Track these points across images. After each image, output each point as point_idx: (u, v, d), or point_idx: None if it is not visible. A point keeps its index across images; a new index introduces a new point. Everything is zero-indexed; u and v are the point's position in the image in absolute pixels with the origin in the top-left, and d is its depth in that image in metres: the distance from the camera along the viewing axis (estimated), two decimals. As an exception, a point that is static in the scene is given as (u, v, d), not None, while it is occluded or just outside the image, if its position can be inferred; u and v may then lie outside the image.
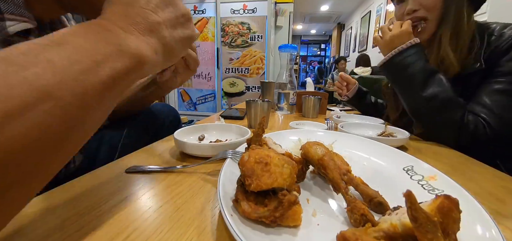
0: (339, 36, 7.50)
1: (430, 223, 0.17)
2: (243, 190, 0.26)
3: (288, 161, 0.27)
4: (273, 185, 0.24)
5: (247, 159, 0.26)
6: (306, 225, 0.26)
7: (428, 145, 0.66)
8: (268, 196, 0.25)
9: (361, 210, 0.24)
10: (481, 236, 0.24)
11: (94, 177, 0.39)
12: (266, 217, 0.24)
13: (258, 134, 0.34)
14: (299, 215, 0.25)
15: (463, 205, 0.28)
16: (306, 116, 1.02)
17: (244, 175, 0.25)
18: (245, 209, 0.24)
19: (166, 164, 0.46)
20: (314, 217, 0.27)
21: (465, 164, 0.53)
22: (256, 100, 0.78)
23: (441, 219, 0.18)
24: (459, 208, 0.20)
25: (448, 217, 0.19)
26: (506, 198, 0.37)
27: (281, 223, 0.24)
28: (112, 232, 0.26)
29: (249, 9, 3.43)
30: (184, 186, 0.36)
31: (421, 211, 0.17)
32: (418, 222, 0.17)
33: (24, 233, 0.25)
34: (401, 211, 0.22)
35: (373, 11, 4.57)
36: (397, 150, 0.46)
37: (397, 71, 0.70)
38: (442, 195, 0.20)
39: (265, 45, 3.47)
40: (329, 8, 6.28)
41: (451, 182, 0.33)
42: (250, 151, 0.27)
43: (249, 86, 3.62)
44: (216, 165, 0.44)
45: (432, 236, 0.17)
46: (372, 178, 0.37)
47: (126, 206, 0.31)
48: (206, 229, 0.27)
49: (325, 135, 0.54)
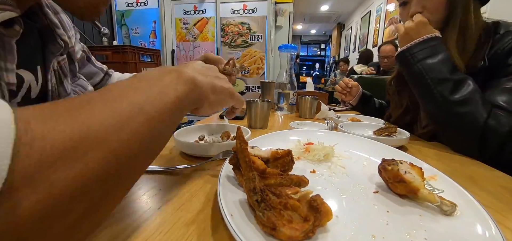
0: (339, 36, 7.50)
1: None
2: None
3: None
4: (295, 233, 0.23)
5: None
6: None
7: (428, 145, 0.66)
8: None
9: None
10: (481, 236, 0.24)
11: (94, 177, 0.39)
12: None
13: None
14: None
15: (463, 205, 0.29)
16: (303, 117, 1.02)
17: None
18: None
19: (166, 164, 0.46)
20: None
21: (465, 164, 0.53)
22: (256, 100, 0.78)
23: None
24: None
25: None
26: (506, 198, 0.37)
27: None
28: (112, 232, 0.26)
29: (249, 9, 3.43)
30: (184, 186, 0.36)
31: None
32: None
33: (24, 233, 0.25)
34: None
35: (373, 11, 4.57)
36: (397, 149, 0.46)
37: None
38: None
39: (265, 45, 3.47)
40: (329, 8, 6.27)
41: (451, 182, 0.33)
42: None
43: (249, 86, 3.62)
44: (216, 165, 0.44)
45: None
46: (372, 178, 0.37)
47: (126, 206, 0.31)
48: (206, 229, 0.27)
49: (325, 135, 0.54)
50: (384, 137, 0.62)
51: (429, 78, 0.62)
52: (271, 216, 0.23)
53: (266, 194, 0.25)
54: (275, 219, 0.23)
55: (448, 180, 0.34)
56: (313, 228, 0.23)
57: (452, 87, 0.60)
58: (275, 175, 0.31)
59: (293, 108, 1.13)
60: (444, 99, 0.60)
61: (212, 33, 3.59)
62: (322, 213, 0.23)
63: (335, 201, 0.31)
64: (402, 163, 0.34)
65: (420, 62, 0.64)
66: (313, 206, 0.24)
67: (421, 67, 0.64)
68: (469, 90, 0.58)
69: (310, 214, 0.24)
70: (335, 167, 0.41)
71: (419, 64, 0.64)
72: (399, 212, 0.29)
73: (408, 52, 0.67)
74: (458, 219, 0.27)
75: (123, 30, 3.69)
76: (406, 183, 0.31)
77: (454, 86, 0.59)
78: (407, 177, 0.31)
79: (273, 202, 0.24)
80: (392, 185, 0.33)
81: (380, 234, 0.25)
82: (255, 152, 0.35)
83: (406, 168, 0.33)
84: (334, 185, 0.36)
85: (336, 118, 0.89)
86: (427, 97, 0.65)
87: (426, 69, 0.63)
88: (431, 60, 0.63)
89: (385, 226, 0.26)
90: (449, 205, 0.28)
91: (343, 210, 0.29)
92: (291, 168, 0.36)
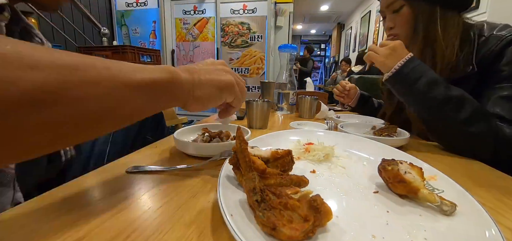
0: (339, 36, 7.49)
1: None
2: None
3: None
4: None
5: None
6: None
7: (428, 145, 0.66)
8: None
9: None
10: (481, 236, 0.24)
11: (94, 177, 0.39)
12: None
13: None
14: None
15: (463, 205, 0.29)
16: (302, 117, 1.02)
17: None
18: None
19: (166, 164, 0.46)
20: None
21: (465, 164, 0.53)
22: (256, 100, 0.78)
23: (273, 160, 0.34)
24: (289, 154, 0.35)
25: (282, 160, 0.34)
26: (506, 198, 0.37)
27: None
28: (112, 232, 0.26)
29: (249, 9, 3.43)
30: (184, 186, 0.36)
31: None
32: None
33: (24, 234, 0.25)
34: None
35: (373, 11, 4.56)
36: (397, 149, 0.46)
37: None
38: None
39: (265, 45, 3.47)
40: (329, 8, 6.27)
41: (451, 182, 0.33)
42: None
43: (249, 86, 3.62)
44: (216, 165, 0.44)
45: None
46: (372, 178, 0.37)
47: (126, 206, 0.31)
48: (206, 229, 0.27)
49: (325, 135, 0.54)
50: (384, 137, 0.62)
51: (430, 99, 0.59)
52: (271, 216, 0.23)
53: (266, 194, 0.25)
54: (275, 219, 0.23)
55: (448, 180, 0.34)
56: (313, 228, 0.23)
57: (455, 106, 0.57)
58: (275, 175, 0.31)
59: (293, 108, 1.13)
60: (451, 120, 0.57)
61: (212, 33, 3.59)
62: (322, 213, 0.23)
63: (335, 201, 0.31)
64: (402, 163, 0.34)
65: (415, 85, 0.60)
66: (313, 206, 0.24)
67: (419, 87, 0.59)
68: (472, 107, 0.56)
69: (310, 214, 0.24)
70: (335, 167, 0.41)
71: (414, 87, 0.60)
72: (399, 212, 0.29)
73: (399, 75, 0.62)
74: (458, 219, 0.27)
75: (123, 30, 3.69)
76: (406, 183, 0.31)
77: (456, 105, 0.57)
78: (407, 177, 0.31)
79: (273, 202, 0.24)
80: (392, 185, 0.33)
81: (380, 234, 0.25)
82: (255, 152, 0.35)
83: (406, 168, 0.33)
84: (334, 185, 0.36)
85: (336, 118, 0.89)
86: (431, 119, 0.62)
87: (424, 90, 0.59)
88: (425, 80, 0.59)
89: (385, 226, 0.26)
90: (449, 205, 0.28)
91: (343, 210, 0.29)
92: (291, 168, 0.36)
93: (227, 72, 0.39)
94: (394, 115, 0.87)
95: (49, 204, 0.30)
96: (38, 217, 0.28)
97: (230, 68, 0.41)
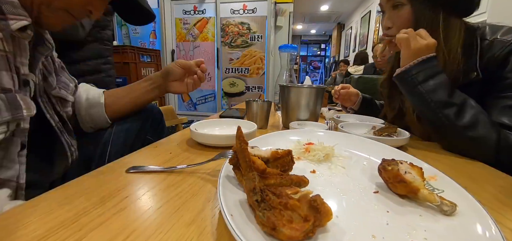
0: (339, 36, 7.49)
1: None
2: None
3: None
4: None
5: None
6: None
7: (428, 145, 0.66)
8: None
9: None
10: (481, 236, 0.24)
11: (94, 177, 0.39)
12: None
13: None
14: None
15: (463, 205, 0.29)
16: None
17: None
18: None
19: (166, 164, 0.46)
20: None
21: (465, 164, 0.53)
22: (256, 100, 0.78)
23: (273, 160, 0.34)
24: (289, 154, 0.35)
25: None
26: (506, 198, 0.37)
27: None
28: (112, 232, 0.26)
29: (249, 9, 3.43)
30: (184, 186, 0.36)
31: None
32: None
33: (24, 234, 0.25)
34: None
35: (373, 11, 4.56)
36: (397, 149, 0.46)
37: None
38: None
39: (265, 45, 3.47)
40: (329, 8, 6.27)
41: (451, 182, 0.33)
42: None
43: (249, 86, 3.62)
44: (216, 165, 0.44)
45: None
46: (372, 178, 0.37)
47: (126, 206, 0.31)
48: (206, 229, 0.27)
49: (325, 135, 0.54)
50: (384, 137, 0.62)
51: (433, 101, 0.59)
52: (271, 216, 0.23)
53: (266, 194, 0.25)
54: (275, 219, 0.23)
55: (448, 180, 0.34)
56: (313, 228, 0.23)
57: (456, 111, 0.57)
58: (275, 175, 0.31)
59: (293, 108, 1.13)
60: (451, 124, 0.57)
61: (212, 33, 3.59)
62: (322, 213, 0.23)
63: (335, 201, 0.31)
64: (402, 163, 0.34)
65: (421, 85, 0.60)
66: (313, 206, 0.24)
67: (422, 89, 0.60)
68: (474, 113, 0.56)
69: (310, 214, 0.24)
70: (335, 167, 0.41)
71: (420, 87, 0.60)
72: (399, 212, 0.29)
73: (406, 74, 0.62)
74: (458, 219, 0.27)
75: (123, 30, 3.69)
76: (406, 183, 0.31)
77: (458, 110, 0.57)
78: (407, 177, 0.31)
79: (273, 202, 0.24)
80: (392, 185, 0.33)
81: (380, 234, 0.25)
82: (255, 152, 0.35)
83: (406, 168, 0.33)
84: (334, 185, 0.36)
85: (336, 118, 0.89)
86: (433, 121, 0.62)
87: (429, 91, 0.59)
88: (432, 82, 0.59)
89: (385, 226, 0.26)
90: (449, 205, 0.28)
91: (343, 210, 0.29)
92: (291, 168, 0.36)
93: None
94: (395, 121, 0.86)
95: (49, 205, 0.30)
96: (39, 217, 0.28)
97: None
